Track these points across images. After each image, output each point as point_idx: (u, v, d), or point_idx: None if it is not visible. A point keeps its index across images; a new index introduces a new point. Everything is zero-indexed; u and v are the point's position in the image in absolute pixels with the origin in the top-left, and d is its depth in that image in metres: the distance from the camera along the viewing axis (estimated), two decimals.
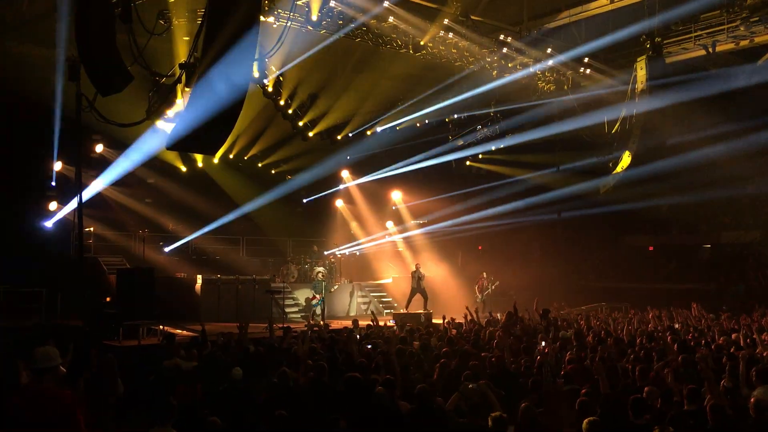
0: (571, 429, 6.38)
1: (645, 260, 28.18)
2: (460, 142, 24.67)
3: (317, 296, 20.22)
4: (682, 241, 28.23)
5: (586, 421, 5.65)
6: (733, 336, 12.32)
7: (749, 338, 11.69)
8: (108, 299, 16.64)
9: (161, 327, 15.11)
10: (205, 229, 22.32)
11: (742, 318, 16.41)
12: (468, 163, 26.68)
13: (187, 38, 15.50)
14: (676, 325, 14.81)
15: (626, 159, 22.24)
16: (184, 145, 12.19)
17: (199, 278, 20.00)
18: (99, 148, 19.93)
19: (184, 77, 12.25)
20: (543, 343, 11.16)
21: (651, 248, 29.12)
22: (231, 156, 23.43)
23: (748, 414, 6.62)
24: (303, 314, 20.59)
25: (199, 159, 23.03)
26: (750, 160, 23.82)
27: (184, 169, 23.01)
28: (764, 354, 10.19)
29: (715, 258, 26.85)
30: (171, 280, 20.43)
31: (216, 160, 22.90)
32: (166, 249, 22.53)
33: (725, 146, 22.08)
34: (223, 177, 24.08)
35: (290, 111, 20.11)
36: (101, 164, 19.53)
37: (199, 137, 10.96)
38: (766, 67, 19.96)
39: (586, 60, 20.90)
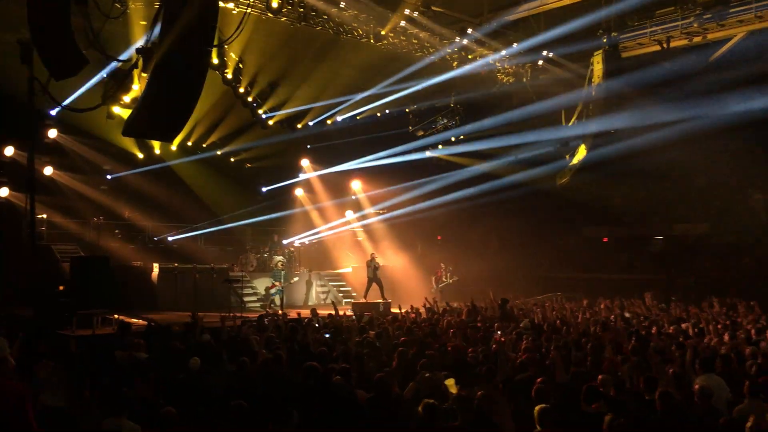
0: (527, 417, 6.49)
1: (600, 251, 28.71)
2: (420, 133, 24.75)
3: (276, 284, 20.15)
4: (635, 232, 28.84)
5: (537, 408, 5.77)
6: (683, 326, 12.69)
7: (697, 328, 12.05)
8: (61, 288, 16.29)
9: (116, 316, 14.87)
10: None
11: (691, 308, 16.92)
12: (428, 153, 26.80)
13: (144, 22, 15.22)
14: (627, 314, 15.17)
15: (582, 151, 22.62)
16: (140, 131, 11.99)
17: (156, 267, 19.73)
18: (52, 133, 19.44)
19: (140, 62, 12.04)
20: (499, 333, 11.32)
21: (605, 239, 29.68)
22: (189, 143, 23.13)
23: (693, 401, 6.84)
24: (262, 303, 20.49)
25: (156, 146, 22.66)
26: (700, 153, 24.42)
27: (140, 156, 22.62)
28: (712, 343, 10.53)
29: (666, 249, 27.51)
30: (127, 268, 20.11)
31: (174, 147, 22.57)
32: (122, 237, 22.17)
33: (677, 140, 22.57)
34: (181, 164, 23.75)
35: (250, 99, 19.93)
36: (55, 150, 19.08)
37: (157, 123, 10.81)
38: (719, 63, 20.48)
39: (544, 53, 21.16)
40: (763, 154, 24.87)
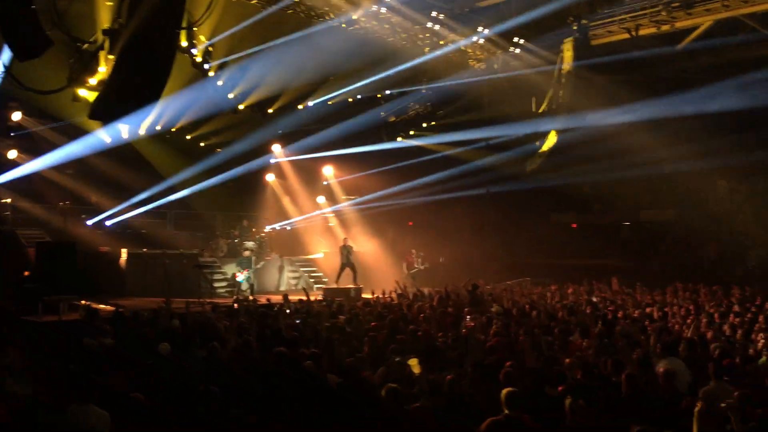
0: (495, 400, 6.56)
1: (569, 237, 29.04)
2: (392, 119, 24.73)
3: (244, 271, 20.06)
4: (603, 219, 29.24)
5: (504, 392, 5.84)
6: (648, 310, 12.93)
7: (662, 312, 12.29)
8: (27, 273, 16.02)
9: (83, 302, 14.66)
10: (131, 202, 21.72)
11: (656, 293, 17.24)
12: (399, 139, 26.81)
13: (110, 3, 14.88)
14: (594, 299, 15.41)
15: (552, 138, 22.82)
16: (108, 114, 11.83)
17: (124, 252, 19.49)
18: (16, 116, 19.02)
19: (107, 44, 11.84)
20: (469, 318, 11.42)
21: (574, 225, 30.04)
22: (158, 127, 22.77)
23: (658, 383, 6.99)
24: (232, 289, 20.36)
25: (123, 129, 22.25)
26: (667, 141, 24.80)
27: (108, 139, 22.20)
28: (676, 327, 10.76)
29: (633, 235, 27.95)
30: (94, 254, 19.82)
31: (142, 132, 22.21)
32: (89, 222, 21.82)
33: (644, 127, 22.88)
34: (149, 149, 23.39)
35: (220, 83, 19.69)
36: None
37: (124, 107, 10.67)
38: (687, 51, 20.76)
39: (515, 40, 21.24)
40: (728, 142, 25.34)
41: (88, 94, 16.67)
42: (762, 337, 9.63)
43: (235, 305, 13.07)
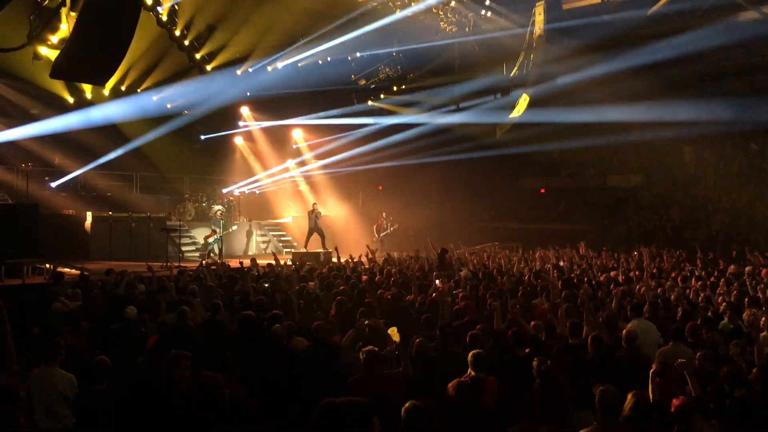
0: (462, 362, 6.63)
1: (537, 202, 29.34)
2: (363, 81, 24.49)
3: (216, 232, 19.91)
4: (570, 183, 29.55)
5: (471, 354, 5.91)
6: (612, 273, 13.15)
7: (626, 275, 12.50)
8: None
9: (48, 265, 14.44)
10: (95, 164, 21.27)
11: (622, 257, 17.53)
12: (369, 102, 26.60)
13: None
14: (562, 263, 15.61)
15: (523, 102, 22.85)
16: (69, 73, 11.52)
17: (89, 215, 19.19)
18: None
19: (69, 0, 11.44)
20: (438, 281, 11.49)
21: (543, 190, 30.31)
22: (123, 88, 22.23)
23: (621, 344, 7.14)
24: (200, 253, 20.22)
25: (87, 90, 21.69)
26: (635, 106, 25.02)
27: (71, 100, 21.65)
28: (641, 291, 10.96)
29: (600, 200, 28.32)
30: (58, 217, 19.49)
31: (106, 92, 21.67)
32: (53, 184, 21.38)
33: (613, 93, 23.03)
34: (115, 110, 22.83)
35: (186, 42, 19.25)
36: None
37: (86, 65, 10.38)
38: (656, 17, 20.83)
39: (487, 2, 21.07)
40: (694, 109, 25.64)
41: (49, 53, 16.17)
42: (723, 300, 9.87)
43: (204, 269, 12.93)
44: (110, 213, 19.85)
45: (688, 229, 24.14)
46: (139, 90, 22.47)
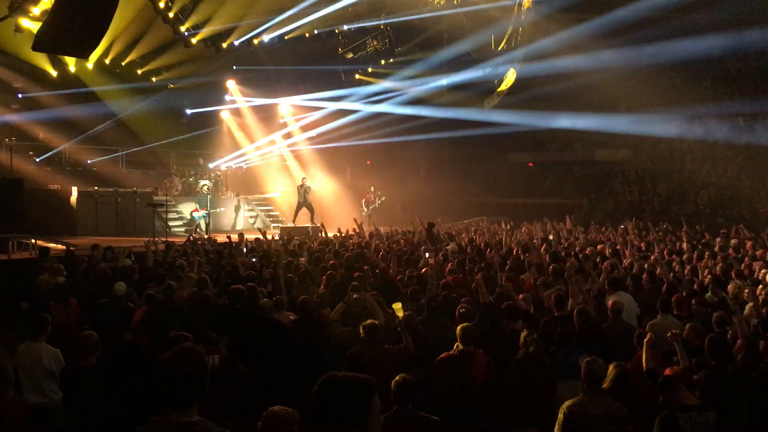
0: (451, 336, 6.66)
1: (525, 176, 29.37)
2: (350, 55, 24.25)
3: (200, 210, 19.81)
4: (558, 158, 29.57)
5: (459, 327, 5.94)
6: (599, 247, 13.22)
7: (613, 249, 12.58)
8: None
9: (33, 241, 14.35)
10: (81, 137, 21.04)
11: (609, 231, 17.63)
12: (357, 76, 26.39)
13: None
14: (551, 237, 15.68)
15: (510, 77, 22.75)
16: (52, 45, 11.35)
17: (75, 190, 19.03)
18: None
19: None
20: (426, 255, 11.51)
21: (531, 164, 30.33)
22: (107, 61, 21.91)
23: (607, 316, 7.22)
24: (187, 228, 20.14)
25: (71, 63, 21.36)
26: (623, 81, 25.00)
27: (54, 73, 21.33)
28: (626, 264, 11.04)
29: (588, 175, 28.39)
30: (43, 192, 19.34)
31: (90, 65, 21.35)
32: (37, 159, 21.15)
33: (601, 68, 22.98)
34: (99, 84, 22.54)
35: (171, 15, 18.92)
36: None
37: (69, 38, 10.22)
38: None
39: None
40: (682, 84, 25.67)
41: (31, 25, 15.88)
42: (708, 273, 9.97)
43: (190, 238, 12.90)
44: (96, 188, 19.70)
45: (674, 203, 24.28)
46: (123, 63, 22.17)
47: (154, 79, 23.88)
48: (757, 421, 5.24)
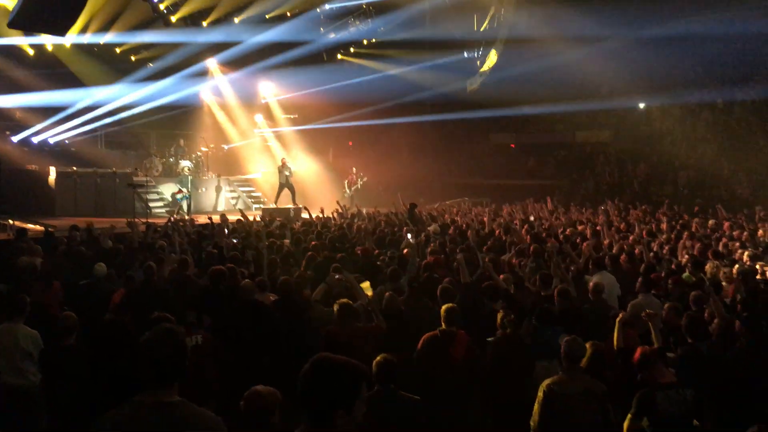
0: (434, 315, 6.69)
1: (507, 157, 29.44)
2: (332, 35, 24.05)
3: (183, 191, 19.66)
4: (540, 139, 29.66)
5: (444, 308, 5.97)
6: (580, 228, 13.32)
7: (594, 230, 12.67)
8: None
9: (11, 221, 14.18)
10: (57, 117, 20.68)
11: (589, 212, 17.78)
12: (339, 56, 26.19)
13: None
14: (532, 218, 15.77)
15: (493, 57, 22.71)
16: (28, 23, 11.16)
17: (53, 171, 18.80)
18: None
19: None
20: (408, 236, 11.53)
21: (513, 146, 30.41)
22: (85, 40, 21.54)
23: (587, 296, 7.29)
24: (168, 209, 19.98)
25: (48, 41, 20.98)
26: (606, 63, 25.06)
27: (31, 52, 20.94)
28: (607, 244, 11.14)
29: (569, 156, 28.54)
30: (21, 172, 19.10)
31: (68, 44, 20.98)
32: (14, 139, 20.83)
33: (584, 50, 23.03)
34: (76, 62, 22.16)
35: None
36: None
37: (46, 15, 10.05)
38: None
39: None
40: (660, 67, 25.78)
41: (7, 2, 15.59)
42: (686, 253, 10.09)
43: (172, 218, 12.80)
44: (75, 168, 19.47)
45: (654, 185, 24.50)
46: (101, 42, 21.81)
47: (133, 58, 23.54)
48: (732, 398, 5.34)
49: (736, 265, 8.77)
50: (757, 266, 9.03)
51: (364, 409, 2.58)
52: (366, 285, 7.08)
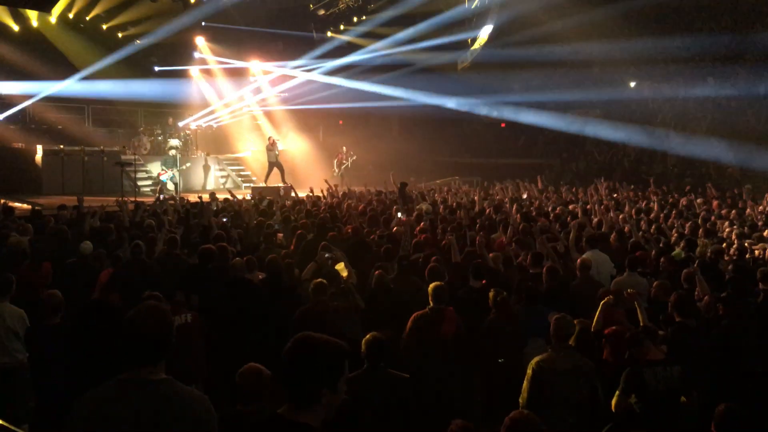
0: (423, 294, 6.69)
1: (497, 137, 29.35)
2: (322, 12, 23.83)
3: (169, 171, 19.50)
4: (530, 118, 29.53)
5: (431, 286, 5.96)
6: (571, 207, 13.33)
7: (584, 209, 12.68)
8: None
9: None
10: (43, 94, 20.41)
11: (579, 191, 17.80)
12: (329, 34, 25.97)
13: None
14: (524, 195, 15.78)
15: (484, 35, 22.56)
16: None
17: (40, 149, 18.61)
18: None
19: None
20: (399, 215, 11.50)
21: (503, 125, 30.30)
22: (70, 15, 21.23)
23: (575, 274, 7.31)
24: (156, 188, 19.83)
25: (33, 17, 20.65)
26: (597, 42, 24.94)
27: (16, 28, 20.62)
28: (595, 223, 11.16)
29: (559, 135, 28.47)
30: (6, 150, 18.91)
31: (53, 20, 20.68)
32: (0, 117, 20.57)
33: (576, 29, 22.90)
34: (62, 39, 21.84)
35: None
36: None
37: None
38: None
39: None
40: (653, 46, 25.67)
41: None
42: (675, 232, 10.13)
43: (159, 198, 12.70)
44: (62, 147, 19.28)
45: (644, 164, 24.52)
46: (87, 18, 21.52)
47: (120, 35, 23.25)
48: (717, 375, 5.39)
49: (724, 243, 8.81)
50: (746, 244, 9.07)
51: (345, 388, 2.57)
52: (341, 266, 7.07)
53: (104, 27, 22.57)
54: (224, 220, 11.14)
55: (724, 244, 8.93)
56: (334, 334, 2.69)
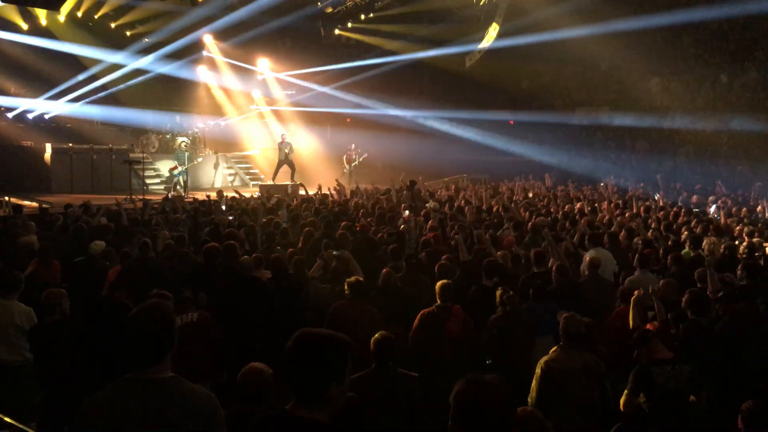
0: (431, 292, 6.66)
1: (505, 134, 29.21)
2: (329, 9, 23.79)
3: (179, 167, 19.54)
4: (538, 115, 29.42)
5: (438, 284, 5.94)
6: (578, 205, 13.27)
7: (591, 207, 12.64)
8: None
9: (7, 198, 14.10)
10: (52, 93, 20.50)
11: (587, 189, 17.73)
12: (337, 32, 25.93)
13: None
14: (530, 194, 15.72)
15: (492, 31, 22.47)
16: None
17: (49, 147, 18.69)
18: None
19: None
20: (407, 213, 11.48)
21: (511, 122, 30.18)
22: (79, 14, 21.29)
23: (580, 272, 7.28)
24: (165, 186, 19.87)
25: (41, 15, 20.73)
26: (604, 37, 24.80)
27: (25, 26, 20.70)
28: (604, 221, 11.10)
29: (568, 132, 28.35)
30: (16, 148, 18.98)
31: (62, 18, 20.73)
32: (9, 115, 20.67)
33: (583, 25, 22.78)
34: (71, 37, 21.90)
35: None
36: None
37: None
38: None
39: None
40: (663, 40, 25.53)
41: None
42: (685, 230, 10.05)
43: (169, 195, 12.73)
44: (71, 145, 19.35)
45: (653, 161, 24.38)
46: (96, 16, 21.59)
47: (128, 33, 23.31)
48: (727, 374, 5.34)
49: (736, 242, 8.74)
50: (754, 241, 8.99)
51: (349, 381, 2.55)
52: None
53: (112, 25, 22.63)
54: (231, 218, 11.16)
55: (736, 242, 8.86)
56: (365, 335, 2.66)
